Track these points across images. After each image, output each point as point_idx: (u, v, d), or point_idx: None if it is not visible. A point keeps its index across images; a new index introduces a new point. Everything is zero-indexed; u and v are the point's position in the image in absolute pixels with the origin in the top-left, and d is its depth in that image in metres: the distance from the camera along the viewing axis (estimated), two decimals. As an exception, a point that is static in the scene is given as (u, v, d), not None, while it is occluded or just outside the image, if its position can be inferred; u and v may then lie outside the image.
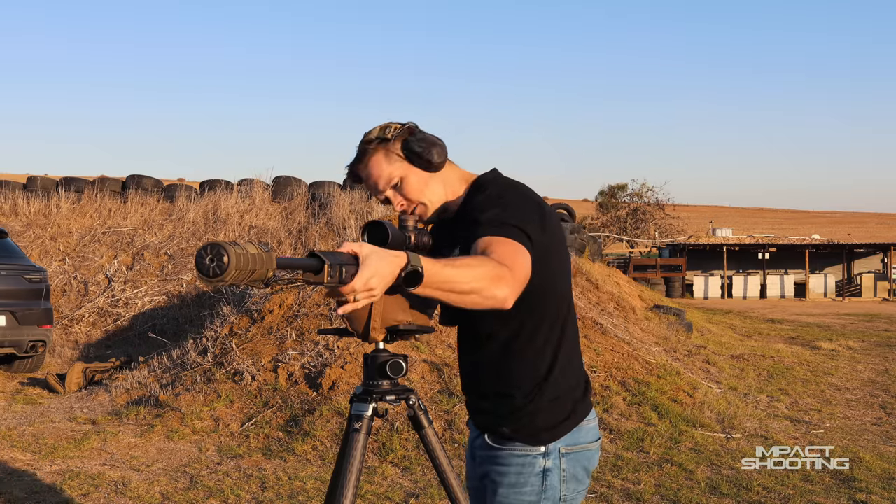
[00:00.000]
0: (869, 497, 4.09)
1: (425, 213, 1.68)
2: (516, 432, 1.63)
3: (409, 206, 1.66)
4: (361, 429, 1.97)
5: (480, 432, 1.71)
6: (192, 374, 6.13)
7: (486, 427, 1.69)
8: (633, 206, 41.34)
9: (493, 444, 1.67)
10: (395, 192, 1.66)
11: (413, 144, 1.63)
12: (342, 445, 1.90)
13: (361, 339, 1.64)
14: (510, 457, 1.64)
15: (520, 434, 1.63)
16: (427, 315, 1.69)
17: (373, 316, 1.65)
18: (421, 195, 1.66)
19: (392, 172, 1.64)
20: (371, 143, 1.65)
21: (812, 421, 6.03)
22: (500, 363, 1.65)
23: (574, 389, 1.68)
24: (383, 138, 1.65)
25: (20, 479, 4.25)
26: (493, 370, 1.66)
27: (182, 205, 12.85)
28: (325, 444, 4.90)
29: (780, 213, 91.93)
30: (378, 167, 1.65)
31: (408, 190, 1.65)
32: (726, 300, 26.04)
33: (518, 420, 1.63)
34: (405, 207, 1.66)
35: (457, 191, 1.69)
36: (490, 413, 1.68)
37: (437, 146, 1.65)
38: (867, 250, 31.70)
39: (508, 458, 1.64)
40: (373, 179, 1.66)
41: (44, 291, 8.03)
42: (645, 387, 5.82)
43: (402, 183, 1.65)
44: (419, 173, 1.65)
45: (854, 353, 10.22)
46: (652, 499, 4.07)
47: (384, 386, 2.06)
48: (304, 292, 6.77)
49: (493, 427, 1.67)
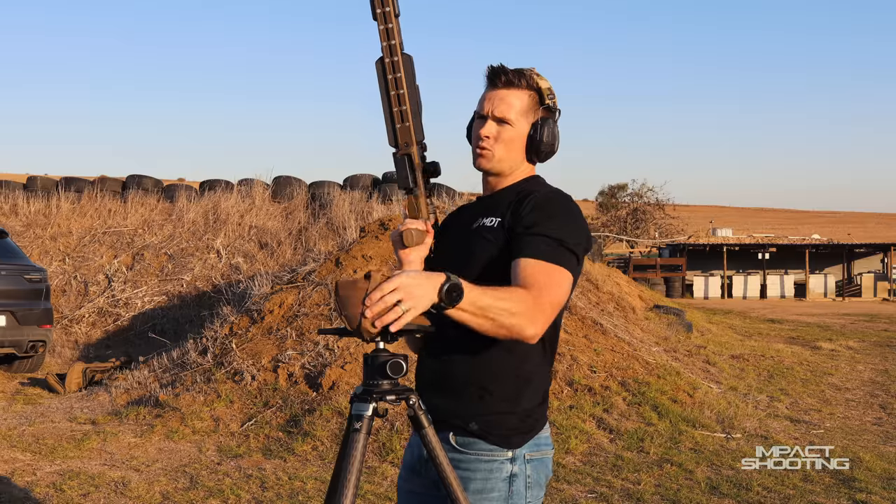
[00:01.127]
0: (869, 497, 4.09)
1: (488, 160, 1.64)
2: (486, 432, 1.55)
3: (489, 143, 1.63)
4: (361, 429, 1.97)
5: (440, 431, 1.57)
6: (192, 374, 6.13)
7: (451, 424, 1.57)
8: (634, 206, 41.34)
9: (458, 446, 1.57)
10: (495, 125, 1.63)
11: (547, 124, 1.63)
12: (342, 445, 1.90)
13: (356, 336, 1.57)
14: (476, 461, 1.55)
15: (490, 434, 1.55)
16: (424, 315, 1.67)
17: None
18: (505, 150, 1.63)
19: (516, 116, 1.62)
20: (533, 85, 1.63)
21: (812, 421, 6.03)
22: (484, 354, 1.57)
23: (546, 396, 1.64)
24: (542, 95, 1.64)
25: (20, 479, 4.25)
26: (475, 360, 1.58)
27: (182, 205, 12.85)
28: (325, 444, 4.90)
29: (780, 213, 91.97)
30: (518, 101, 1.62)
31: (506, 136, 1.62)
32: (726, 300, 26.05)
33: (490, 418, 1.56)
34: (487, 144, 1.63)
35: (517, 179, 1.68)
36: (458, 408, 1.58)
37: (554, 148, 1.66)
38: (867, 250, 31.70)
39: (474, 464, 1.55)
40: (501, 101, 1.62)
41: (44, 291, 8.03)
42: (645, 387, 5.82)
43: (508, 129, 1.63)
44: (522, 140, 1.64)
45: (854, 353, 10.22)
46: (652, 499, 4.07)
47: (384, 386, 2.06)
48: (304, 292, 6.77)
49: (460, 423, 1.56)
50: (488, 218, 1.62)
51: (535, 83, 1.63)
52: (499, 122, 1.62)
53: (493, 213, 1.61)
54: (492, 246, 1.57)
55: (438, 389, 1.62)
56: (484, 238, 1.59)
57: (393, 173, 12.95)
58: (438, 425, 1.56)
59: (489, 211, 1.63)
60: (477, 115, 1.66)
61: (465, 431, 1.56)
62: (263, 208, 12.79)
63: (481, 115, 1.64)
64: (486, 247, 1.58)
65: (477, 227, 1.63)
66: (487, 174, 1.68)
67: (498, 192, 1.66)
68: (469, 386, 1.58)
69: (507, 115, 1.61)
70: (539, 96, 1.64)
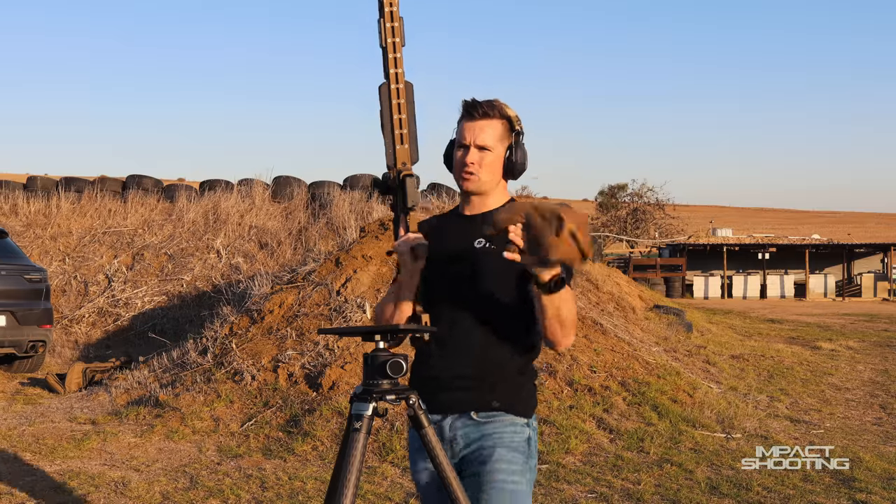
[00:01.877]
0: (869, 497, 4.09)
1: (473, 181, 1.89)
2: (505, 405, 1.84)
3: (474, 169, 1.88)
4: (361, 428, 1.96)
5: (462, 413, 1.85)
6: (192, 374, 6.13)
7: (471, 405, 1.84)
8: (633, 206, 41.34)
9: (480, 419, 1.84)
10: (478, 152, 1.87)
11: (519, 146, 1.90)
12: (342, 445, 1.90)
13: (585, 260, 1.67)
14: (502, 425, 1.83)
15: (510, 407, 1.84)
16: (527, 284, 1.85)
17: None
18: (488, 173, 1.89)
19: (495, 143, 1.87)
20: (505, 115, 1.89)
21: (812, 421, 6.03)
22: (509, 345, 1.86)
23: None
24: (511, 122, 1.90)
25: (20, 479, 4.25)
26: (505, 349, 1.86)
27: (182, 205, 12.85)
28: (325, 444, 4.90)
29: (780, 213, 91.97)
30: (493, 130, 1.87)
31: (487, 161, 1.88)
32: (726, 300, 26.05)
33: (508, 395, 1.85)
34: (473, 169, 1.88)
35: (498, 197, 1.94)
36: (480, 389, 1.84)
37: (525, 167, 1.93)
38: (867, 250, 31.70)
39: (501, 427, 1.83)
40: (481, 131, 1.87)
41: (44, 291, 8.03)
42: (645, 387, 5.82)
43: (488, 154, 1.88)
44: (500, 163, 1.90)
45: (854, 353, 10.22)
46: (652, 499, 4.07)
47: (384, 385, 2.06)
48: (304, 292, 6.77)
49: (480, 403, 1.84)
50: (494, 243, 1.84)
51: (505, 112, 1.89)
52: (480, 149, 1.87)
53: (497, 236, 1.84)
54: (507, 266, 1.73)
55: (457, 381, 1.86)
56: (494, 258, 1.79)
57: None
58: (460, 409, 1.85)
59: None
60: (458, 145, 1.89)
61: (487, 408, 1.84)
62: (263, 208, 12.79)
63: (463, 145, 1.88)
64: (501, 267, 1.77)
65: (483, 248, 1.87)
66: (472, 194, 1.93)
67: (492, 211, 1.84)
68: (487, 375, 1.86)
69: (487, 143, 1.86)
70: (509, 123, 1.89)
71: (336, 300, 6.47)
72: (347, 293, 6.50)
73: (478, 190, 1.90)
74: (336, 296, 6.53)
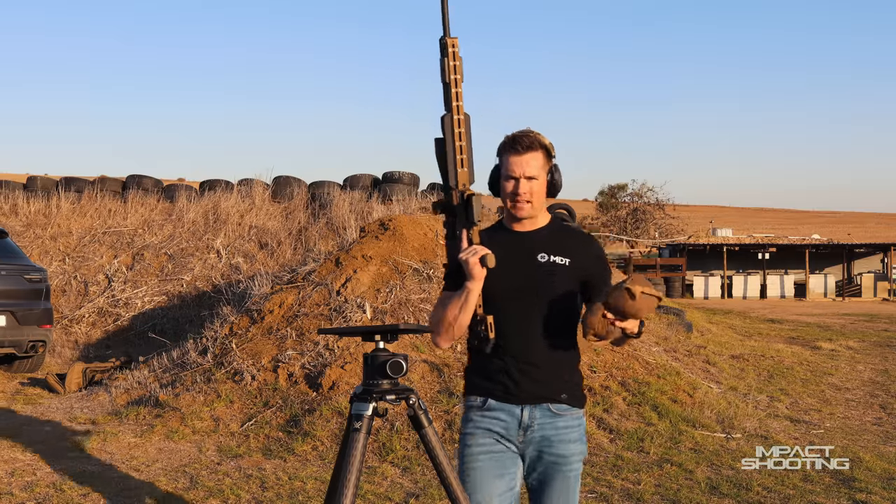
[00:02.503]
0: (869, 497, 4.09)
1: (527, 208, 2.21)
2: (571, 399, 2.24)
3: (527, 197, 2.19)
4: (361, 428, 1.96)
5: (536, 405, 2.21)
6: (192, 374, 6.13)
7: (547, 399, 2.22)
8: (633, 206, 41.34)
9: (555, 411, 2.22)
10: (527, 183, 2.18)
11: (556, 172, 2.23)
12: (342, 445, 1.90)
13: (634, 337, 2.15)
14: (570, 418, 2.23)
15: (573, 401, 2.24)
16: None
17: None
18: (538, 199, 2.22)
19: (539, 172, 2.19)
20: (543, 146, 2.20)
21: (812, 421, 6.03)
22: (567, 346, 2.25)
23: None
24: (549, 151, 2.22)
25: (20, 479, 4.25)
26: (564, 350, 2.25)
27: (182, 205, 12.85)
28: (325, 444, 4.90)
29: (780, 213, 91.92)
30: (536, 161, 2.18)
31: (536, 189, 2.20)
32: (726, 300, 26.05)
33: (572, 389, 2.25)
34: (526, 197, 2.19)
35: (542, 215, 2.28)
36: (550, 384, 2.22)
37: (562, 185, 2.26)
38: (867, 250, 31.69)
39: (569, 420, 2.23)
40: (527, 164, 2.18)
41: (44, 291, 8.03)
42: (645, 387, 5.82)
43: (536, 183, 2.19)
44: (545, 187, 2.22)
45: (854, 353, 10.22)
46: (652, 499, 4.07)
47: (384, 385, 2.06)
48: (304, 292, 6.77)
49: (553, 397, 2.22)
50: (557, 256, 2.22)
51: (543, 143, 2.19)
52: (528, 179, 2.17)
53: (557, 251, 2.23)
54: (567, 280, 2.21)
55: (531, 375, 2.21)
56: (561, 273, 2.21)
57: (394, 173, 13.05)
58: (535, 401, 2.21)
59: (550, 246, 2.23)
60: (507, 177, 2.19)
61: (558, 401, 2.22)
62: (263, 208, 12.79)
63: (512, 177, 2.18)
64: (566, 280, 2.21)
65: (547, 262, 2.22)
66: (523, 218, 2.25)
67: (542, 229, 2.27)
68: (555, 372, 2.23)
69: (534, 174, 2.18)
70: (547, 152, 2.20)
71: (336, 300, 6.47)
72: (347, 293, 6.50)
73: (530, 215, 2.23)
74: (336, 296, 6.53)
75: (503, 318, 2.19)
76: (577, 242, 2.27)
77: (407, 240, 7.14)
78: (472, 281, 2.11)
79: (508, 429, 2.21)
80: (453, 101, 2.12)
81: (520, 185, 2.17)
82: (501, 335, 2.19)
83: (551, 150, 2.21)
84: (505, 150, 2.20)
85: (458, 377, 5.54)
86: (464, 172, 2.15)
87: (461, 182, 2.15)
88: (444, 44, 2.14)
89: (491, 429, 2.22)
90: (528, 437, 2.21)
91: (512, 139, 2.18)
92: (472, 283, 2.11)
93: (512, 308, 2.20)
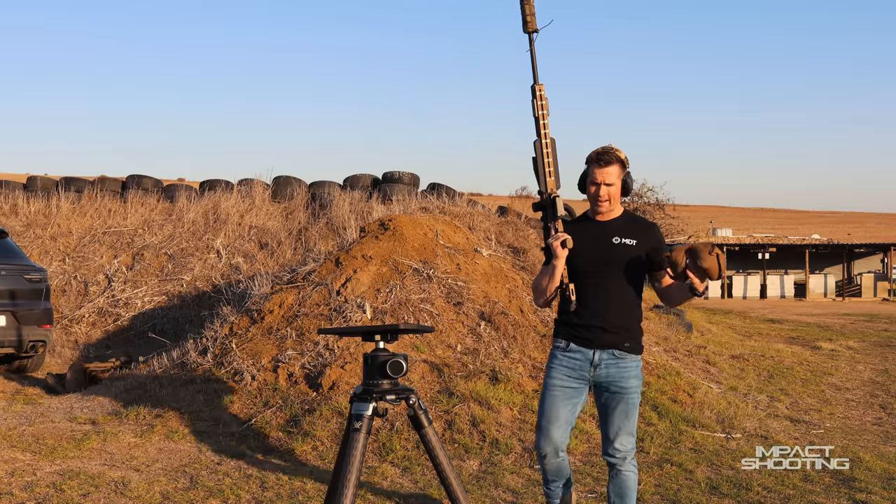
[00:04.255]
0: (869, 497, 4.09)
1: (605, 206, 2.98)
2: (633, 347, 3.01)
3: (606, 199, 2.96)
4: (361, 428, 1.96)
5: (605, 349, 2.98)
6: (193, 374, 6.12)
7: (613, 345, 2.98)
8: (633, 206, 41.29)
9: (618, 356, 2.98)
10: (606, 188, 2.95)
11: (628, 177, 2.99)
12: (342, 445, 1.90)
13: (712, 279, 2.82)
14: (630, 360, 3.01)
15: (634, 348, 3.02)
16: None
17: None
18: (615, 198, 2.99)
19: (616, 180, 2.96)
20: (620, 160, 2.95)
21: (812, 421, 6.03)
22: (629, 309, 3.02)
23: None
24: (624, 164, 2.97)
25: (20, 479, 4.25)
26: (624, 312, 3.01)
27: (182, 205, 12.84)
28: (325, 444, 4.90)
29: (780, 213, 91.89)
30: (615, 172, 2.96)
31: (613, 192, 2.98)
32: (726, 300, 26.04)
33: (634, 339, 3.02)
34: (605, 199, 2.96)
35: (617, 209, 3.05)
36: (618, 335, 2.98)
37: (632, 188, 2.99)
38: (867, 250, 31.69)
39: (629, 362, 3.00)
40: (608, 174, 2.94)
41: (44, 291, 8.03)
42: (645, 387, 5.82)
43: (613, 188, 2.97)
44: (619, 190, 2.98)
45: (854, 353, 10.22)
46: (652, 499, 4.07)
47: (384, 385, 2.07)
48: (304, 292, 6.76)
49: (618, 344, 2.98)
50: (627, 238, 2.98)
51: (620, 157, 2.95)
52: (608, 185, 2.95)
53: (627, 235, 2.98)
54: (637, 256, 2.98)
55: (604, 328, 2.97)
56: (629, 251, 2.97)
57: (394, 173, 13.10)
58: (604, 347, 2.97)
59: (622, 231, 2.99)
60: (592, 182, 2.96)
61: (622, 348, 2.99)
62: (263, 208, 12.78)
63: (596, 183, 2.95)
64: (633, 257, 2.98)
65: (620, 243, 2.97)
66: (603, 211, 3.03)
67: (617, 219, 3.04)
68: (625, 323, 3.01)
69: (613, 181, 2.96)
70: (622, 164, 2.97)
71: (336, 300, 6.47)
72: (347, 293, 6.50)
73: (608, 211, 3.01)
74: (336, 296, 6.53)
75: (585, 285, 2.97)
76: (643, 228, 3.03)
77: (407, 240, 7.13)
78: (557, 259, 2.88)
79: (582, 366, 3.00)
80: (542, 129, 2.93)
81: (601, 189, 2.95)
82: (582, 297, 2.97)
83: (626, 162, 2.97)
84: (592, 162, 2.95)
85: (459, 377, 5.54)
86: (551, 181, 2.95)
87: (549, 187, 2.95)
88: (534, 89, 2.95)
89: (569, 366, 3.01)
90: (597, 372, 2.99)
91: (597, 154, 2.94)
92: (556, 261, 2.88)
93: (591, 277, 2.96)
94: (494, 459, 4.69)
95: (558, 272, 2.89)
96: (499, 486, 4.27)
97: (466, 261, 7.26)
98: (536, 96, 2.94)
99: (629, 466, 3.07)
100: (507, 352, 6.06)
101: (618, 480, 3.07)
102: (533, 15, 2.93)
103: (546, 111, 2.93)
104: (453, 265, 7.07)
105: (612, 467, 3.08)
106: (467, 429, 5.02)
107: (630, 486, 3.07)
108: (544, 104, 2.94)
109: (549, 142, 2.93)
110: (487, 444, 4.88)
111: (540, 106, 2.92)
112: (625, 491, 3.07)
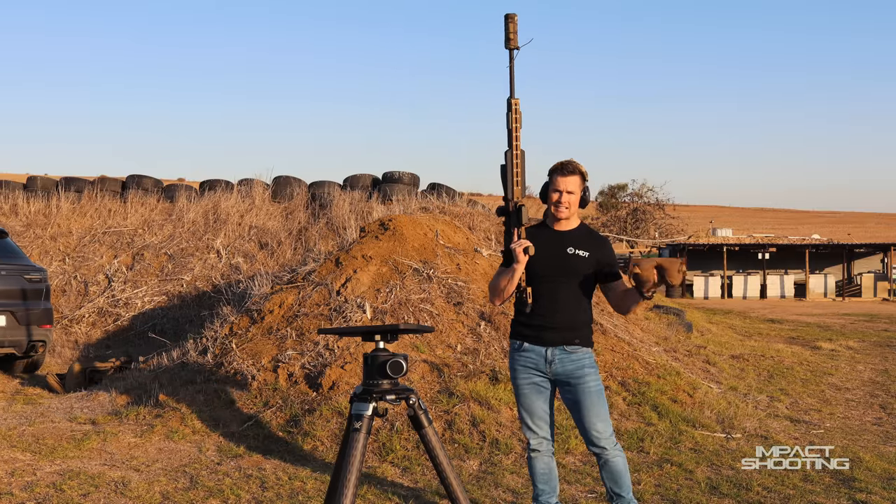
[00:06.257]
0: (869, 497, 4.08)
1: (565, 213, 3.20)
2: (583, 342, 3.22)
3: (566, 206, 3.18)
4: (361, 428, 1.96)
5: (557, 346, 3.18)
6: (192, 374, 6.12)
7: (563, 342, 3.19)
8: (633, 206, 41.34)
9: (568, 350, 3.19)
10: (567, 197, 3.17)
11: (586, 191, 3.23)
12: (342, 445, 1.90)
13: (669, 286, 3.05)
14: (583, 352, 3.21)
15: (585, 342, 3.23)
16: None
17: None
18: (573, 207, 3.22)
19: (577, 189, 3.19)
20: (580, 172, 3.19)
21: (812, 421, 6.03)
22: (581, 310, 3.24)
23: None
24: (584, 176, 3.21)
25: (20, 479, 4.25)
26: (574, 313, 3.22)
27: (182, 205, 12.85)
28: (325, 444, 4.90)
29: (780, 213, 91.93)
30: (574, 183, 3.18)
31: (573, 200, 3.20)
32: (726, 300, 26.05)
33: (583, 335, 3.23)
34: (566, 206, 3.18)
35: (574, 219, 3.28)
36: (568, 332, 3.20)
37: (589, 200, 3.25)
38: (867, 250, 31.69)
39: (581, 353, 3.21)
40: (568, 185, 3.17)
41: (44, 291, 8.03)
42: (645, 387, 5.82)
43: (573, 196, 3.19)
44: (578, 199, 3.21)
45: (854, 353, 10.22)
46: (652, 499, 4.07)
47: (384, 385, 2.07)
48: (304, 292, 6.76)
49: (569, 341, 3.19)
50: (580, 250, 3.20)
51: (580, 170, 3.18)
52: (569, 193, 3.17)
53: (581, 247, 3.20)
54: (588, 267, 3.21)
55: (554, 328, 3.19)
56: (582, 262, 3.19)
57: (394, 173, 13.11)
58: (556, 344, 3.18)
59: (577, 243, 3.21)
60: (554, 189, 3.18)
61: (573, 343, 3.20)
62: (263, 208, 12.78)
63: (558, 190, 3.17)
64: (585, 267, 3.20)
65: (574, 254, 3.19)
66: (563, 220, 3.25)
67: (574, 230, 3.26)
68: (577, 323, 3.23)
69: (573, 190, 3.18)
70: (582, 176, 3.20)
71: (336, 300, 6.47)
72: (347, 293, 6.50)
73: (567, 218, 3.23)
74: (336, 296, 6.53)
75: (539, 289, 3.16)
76: (596, 243, 3.25)
77: (407, 240, 7.13)
78: (517, 263, 3.05)
79: (538, 362, 3.21)
80: (513, 141, 3.08)
81: (562, 197, 3.17)
82: (537, 300, 3.16)
83: (586, 175, 3.21)
84: (555, 171, 3.18)
85: (459, 377, 5.54)
86: (517, 190, 3.11)
87: (516, 196, 3.11)
88: (510, 102, 3.10)
89: (526, 364, 3.23)
90: (552, 369, 3.20)
91: (561, 165, 3.18)
92: (517, 265, 3.05)
93: (546, 282, 3.16)
94: (494, 459, 4.69)
95: (517, 275, 3.07)
96: (499, 486, 4.27)
97: (466, 261, 7.27)
98: (512, 109, 3.09)
99: (615, 452, 3.21)
100: (507, 352, 6.06)
101: (608, 468, 3.21)
102: (516, 33, 3.11)
103: (519, 124, 3.09)
104: (453, 265, 7.07)
105: (599, 457, 3.22)
106: (467, 429, 5.02)
107: (620, 469, 3.21)
108: (518, 117, 3.09)
109: (519, 153, 3.09)
110: (487, 444, 4.88)
111: (514, 119, 3.08)
112: (617, 475, 3.21)
